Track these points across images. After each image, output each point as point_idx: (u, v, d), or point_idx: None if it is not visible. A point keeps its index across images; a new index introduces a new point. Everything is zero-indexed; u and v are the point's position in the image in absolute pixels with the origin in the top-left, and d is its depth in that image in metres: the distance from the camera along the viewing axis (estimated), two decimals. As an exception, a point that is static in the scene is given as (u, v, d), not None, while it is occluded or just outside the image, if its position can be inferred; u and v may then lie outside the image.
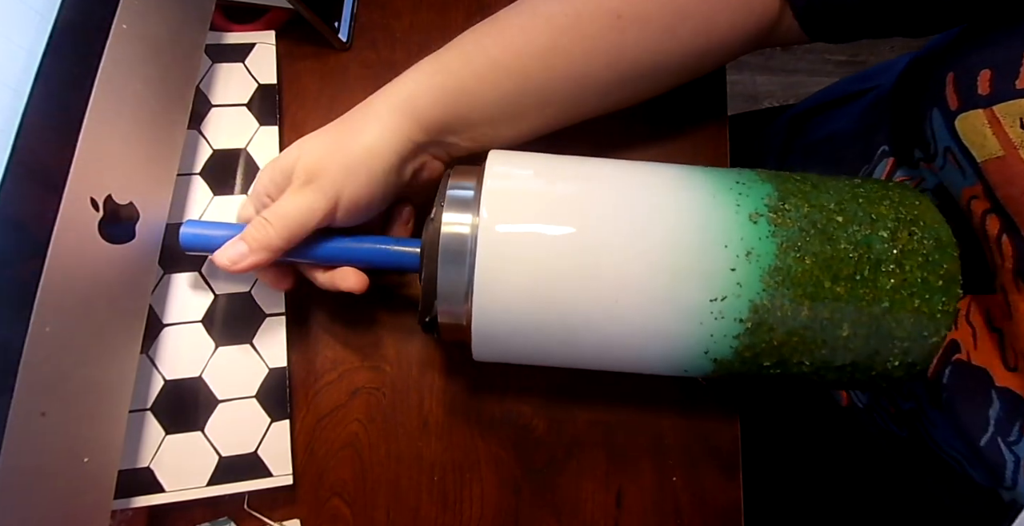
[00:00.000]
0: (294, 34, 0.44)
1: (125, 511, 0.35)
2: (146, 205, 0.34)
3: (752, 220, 0.29)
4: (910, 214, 0.31)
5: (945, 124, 0.31)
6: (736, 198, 0.30)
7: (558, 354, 0.32)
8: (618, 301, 0.29)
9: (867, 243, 0.29)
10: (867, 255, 0.29)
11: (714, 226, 0.29)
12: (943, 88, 0.31)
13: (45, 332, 0.26)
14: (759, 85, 1.40)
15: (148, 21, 0.34)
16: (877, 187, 0.32)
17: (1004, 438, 0.29)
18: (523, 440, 0.39)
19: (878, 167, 0.40)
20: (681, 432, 0.40)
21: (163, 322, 0.37)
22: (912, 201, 0.31)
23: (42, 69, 0.28)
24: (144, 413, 0.36)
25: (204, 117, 0.41)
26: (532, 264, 0.29)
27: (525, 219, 0.30)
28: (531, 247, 0.29)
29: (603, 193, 0.31)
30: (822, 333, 0.29)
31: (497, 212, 0.30)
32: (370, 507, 0.38)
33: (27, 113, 0.27)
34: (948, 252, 0.30)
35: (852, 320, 0.29)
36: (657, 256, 0.29)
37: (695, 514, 0.38)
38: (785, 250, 0.29)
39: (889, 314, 0.29)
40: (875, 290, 0.29)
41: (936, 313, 0.29)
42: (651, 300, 0.29)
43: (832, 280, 0.29)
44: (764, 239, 0.29)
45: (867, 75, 0.50)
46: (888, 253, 0.29)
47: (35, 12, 0.28)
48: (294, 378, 0.39)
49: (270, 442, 0.36)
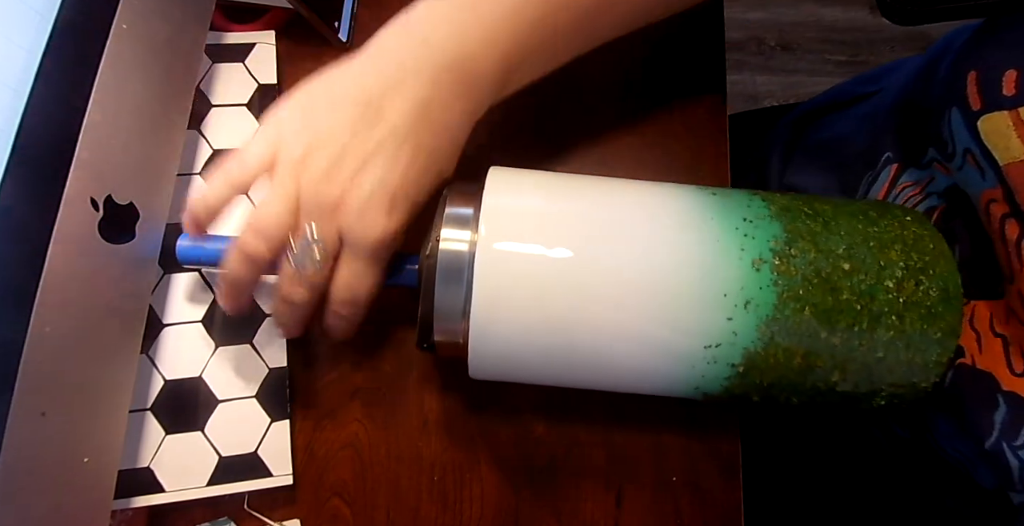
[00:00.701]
0: (294, 34, 0.44)
1: (125, 511, 0.35)
2: (146, 205, 0.34)
3: (755, 267, 0.28)
4: (921, 261, 0.29)
5: (966, 124, 0.30)
6: (741, 241, 0.29)
7: (553, 375, 0.32)
8: (613, 331, 0.29)
9: (870, 294, 0.28)
10: (869, 307, 0.28)
11: (716, 274, 0.28)
12: (963, 87, 0.30)
13: (45, 332, 0.26)
14: (759, 85, 1.40)
15: (148, 21, 0.34)
16: (894, 226, 0.31)
17: (1010, 442, 0.29)
18: (523, 440, 0.39)
19: (882, 174, 0.40)
20: (681, 432, 0.40)
21: (163, 322, 0.37)
22: (926, 245, 0.30)
23: (42, 69, 0.28)
24: (144, 413, 0.36)
25: (204, 117, 0.41)
26: (529, 284, 0.29)
27: (523, 238, 0.29)
28: (529, 267, 0.29)
29: (605, 218, 0.30)
30: (812, 377, 0.29)
31: (495, 230, 0.29)
32: (370, 507, 0.38)
33: (27, 113, 0.27)
34: (953, 305, 0.29)
35: (843, 368, 0.29)
36: (654, 296, 0.29)
37: (695, 514, 0.38)
38: (785, 300, 0.28)
39: (882, 363, 0.29)
40: (871, 341, 0.28)
41: (929, 364, 0.29)
42: (644, 342, 0.29)
43: (829, 332, 0.28)
44: (765, 288, 0.28)
45: (870, 77, 0.50)
46: (891, 305, 0.28)
47: (35, 12, 0.28)
48: (294, 378, 0.39)
49: (270, 442, 0.36)
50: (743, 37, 1.44)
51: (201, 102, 0.41)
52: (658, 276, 0.29)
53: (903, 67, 0.45)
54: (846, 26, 1.45)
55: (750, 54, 1.43)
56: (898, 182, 0.38)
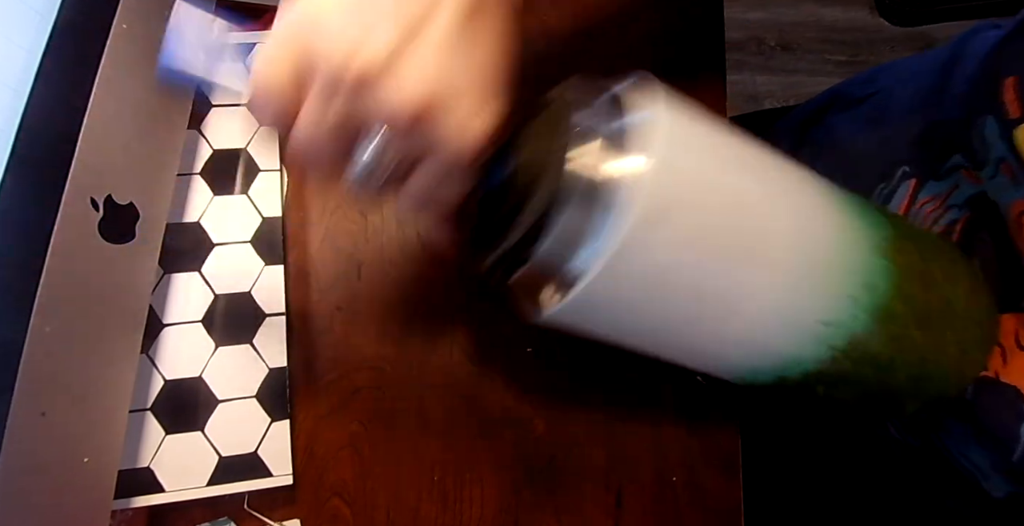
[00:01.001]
0: (294, 34, 0.44)
1: (125, 511, 0.35)
2: (146, 205, 0.34)
3: (878, 254, 0.29)
4: (974, 282, 0.32)
5: (1001, 133, 0.30)
6: (867, 228, 0.30)
7: (649, 331, 0.29)
8: (748, 285, 0.27)
9: (948, 299, 0.30)
10: (948, 310, 0.30)
11: (849, 250, 0.29)
12: (999, 93, 0.30)
13: (45, 332, 0.26)
14: (759, 85, 1.40)
15: (148, 21, 0.34)
16: (955, 252, 0.34)
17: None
18: (523, 440, 0.39)
19: (900, 188, 0.39)
20: (681, 432, 0.40)
21: (163, 322, 0.37)
22: (975, 270, 0.33)
23: (42, 69, 0.28)
24: (144, 413, 0.36)
25: (204, 117, 0.41)
26: (690, 224, 0.25)
27: (702, 174, 0.25)
28: (696, 204, 0.25)
29: (767, 171, 0.29)
30: (881, 374, 0.30)
31: (678, 154, 0.24)
32: (370, 507, 0.38)
33: (27, 113, 0.27)
34: (993, 317, 0.32)
35: (909, 367, 0.30)
36: (799, 256, 0.28)
37: (695, 514, 0.38)
38: (896, 289, 0.29)
39: (935, 364, 0.30)
40: (940, 343, 0.30)
41: (964, 370, 0.31)
42: (773, 302, 0.28)
43: (917, 328, 0.29)
44: (882, 275, 0.29)
45: (867, 78, 0.49)
46: (961, 312, 0.31)
47: (35, 12, 0.28)
48: (294, 378, 0.38)
49: (270, 442, 0.36)
50: (743, 37, 1.44)
51: (201, 102, 0.41)
52: (805, 239, 0.29)
53: (897, 68, 0.45)
54: (846, 26, 1.45)
55: (750, 54, 1.43)
56: (917, 198, 0.38)
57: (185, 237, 0.39)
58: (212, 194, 0.40)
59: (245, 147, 0.41)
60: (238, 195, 0.40)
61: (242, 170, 0.40)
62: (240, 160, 0.40)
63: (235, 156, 0.40)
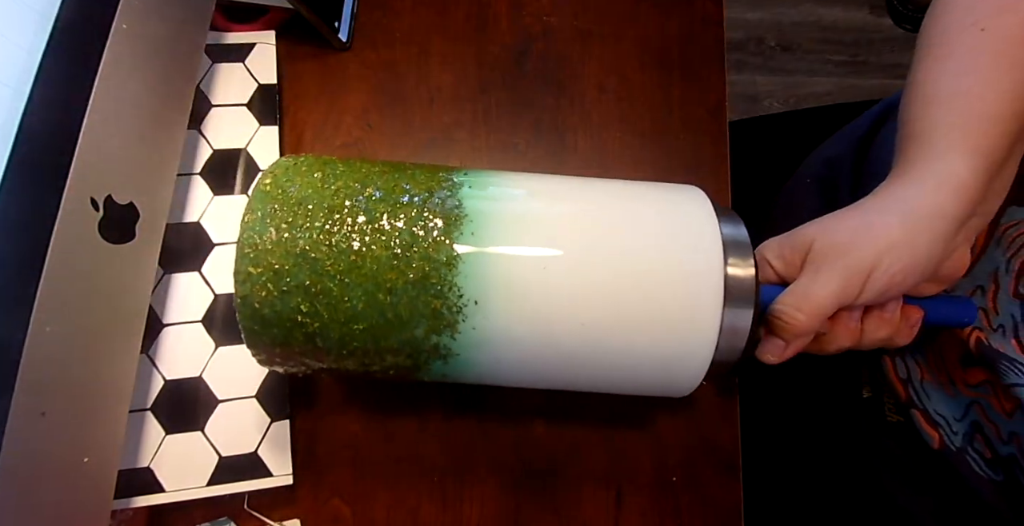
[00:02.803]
0: (294, 34, 0.44)
1: (125, 511, 0.35)
2: (146, 205, 0.34)
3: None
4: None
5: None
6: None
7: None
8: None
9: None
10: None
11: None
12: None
13: (45, 332, 0.26)
14: (759, 85, 1.40)
15: (148, 21, 0.34)
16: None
17: None
18: (523, 441, 0.39)
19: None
20: (681, 432, 0.40)
21: (163, 322, 0.37)
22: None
23: (42, 69, 0.28)
24: (144, 413, 0.36)
25: (204, 117, 0.41)
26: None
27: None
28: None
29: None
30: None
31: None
32: (370, 507, 0.38)
33: (27, 113, 0.27)
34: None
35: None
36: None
37: (695, 514, 0.38)
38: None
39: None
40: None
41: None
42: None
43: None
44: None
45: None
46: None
47: (35, 12, 0.28)
48: (294, 378, 0.38)
49: (270, 442, 0.36)
50: (743, 37, 1.44)
51: (201, 102, 0.41)
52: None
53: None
54: (846, 26, 1.45)
55: (750, 54, 1.43)
56: (1000, 222, 0.37)
57: (185, 237, 0.39)
58: (212, 194, 0.40)
59: (245, 147, 0.41)
60: (238, 195, 0.40)
61: (242, 170, 0.40)
62: (240, 160, 0.40)
63: (235, 156, 0.40)
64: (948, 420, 0.38)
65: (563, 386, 0.32)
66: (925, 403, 0.40)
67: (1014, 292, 0.35)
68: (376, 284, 0.27)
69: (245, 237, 0.27)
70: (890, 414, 0.43)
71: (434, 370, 0.30)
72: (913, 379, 0.40)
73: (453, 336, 0.28)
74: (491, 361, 0.29)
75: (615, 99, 0.45)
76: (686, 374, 0.30)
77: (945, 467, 0.38)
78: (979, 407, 0.37)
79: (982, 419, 0.37)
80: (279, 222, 0.27)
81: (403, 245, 0.27)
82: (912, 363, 0.41)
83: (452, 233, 0.27)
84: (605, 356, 0.29)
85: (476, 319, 0.28)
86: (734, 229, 0.30)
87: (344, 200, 0.28)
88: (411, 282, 0.27)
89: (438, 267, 0.27)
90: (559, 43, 0.47)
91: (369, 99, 0.44)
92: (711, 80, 0.46)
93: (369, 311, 0.27)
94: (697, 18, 0.48)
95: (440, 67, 0.46)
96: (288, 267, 0.27)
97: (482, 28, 0.47)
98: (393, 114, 0.44)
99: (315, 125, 0.44)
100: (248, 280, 0.27)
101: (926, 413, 0.39)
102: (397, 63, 0.45)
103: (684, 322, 0.28)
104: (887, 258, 0.29)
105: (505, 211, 0.29)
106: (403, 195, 0.29)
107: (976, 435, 0.37)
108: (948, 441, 0.38)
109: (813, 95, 1.40)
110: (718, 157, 0.44)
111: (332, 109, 0.44)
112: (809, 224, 0.32)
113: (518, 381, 0.31)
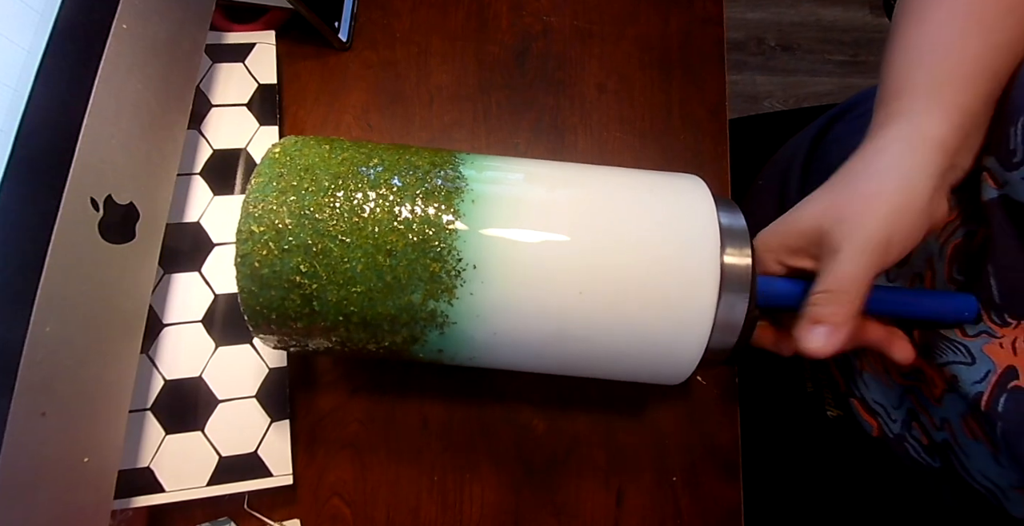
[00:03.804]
0: (294, 34, 0.44)
1: (125, 511, 0.35)
2: (146, 205, 0.34)
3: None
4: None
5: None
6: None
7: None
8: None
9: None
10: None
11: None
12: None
13: (45, 332, 0.26)
14: (759, 85, 1.40)
15: (148, 21, 0.34)
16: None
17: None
18: (523, 440, 0.39)
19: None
20: (681, 432, 0.40)
21: (163, 322, 0.37)
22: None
23: (42, 69, 0.28)
24: (144, 413, 0.36)
25: (204, 117, 0.41)
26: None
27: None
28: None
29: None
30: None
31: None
32: (370, 507, 0.38)
33: (27, 113, 0.27)
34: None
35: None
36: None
37: (695, 514, 0.38)
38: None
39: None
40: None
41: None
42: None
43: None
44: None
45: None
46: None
47: (35, 12, 0.28)
48: (294, 378, 0.38)
49: (270, 442, 0.36)
50: (743, 37, 1.44)
51: (201, 102, 0.41)
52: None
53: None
54: (846, 26, 1.45)
55: (750, 54, 1.43)
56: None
57: (185, 237, 0.39)
58: (212, 194, 0.40)
59: (245, 147, 0.41)
60: (238, 195, 0.40)
61: (242, 170, 0.40)
62: (240, 160, 0.40)
63: (235, 156, 0.40)
64: (887, 408, 0.39)
65: (558, 367, 0.32)
66: (863, 392, 0.40)
67: (948, 277, 0.35)
68: (376, 245, 0.27)
69: (251, 197, 0.28)
70: (829, 408, 0.43)
71: (430, 343, 0.30)
72: (853, 369, 0.41)
73: (451, 302, 0.28)
74: (487, 335, 0.29)
75: (615, 99, 0.45)
76: (682, 354, 0.30)
77: (886, 455, 0.39)
78: (912, 396, 0.37)
79: (916, 407, 0.37)
80: (285, 185, 0.28)
81: (406, 209, 0.28)
82: (851, 354, 0.41)
83: (453, 200, 0.28)
84: (601, 334, 0.29)
85: (474, 284, 0.28)
86: (732, 217, 0.30)
87: (350, 168, 0.29)
88: (411, 244, 0.27)
89: (439, 231, 0.28)
90: (559, 43, 0.47)
91: (369, 99, 0.44)
92: (711, 80, 0.46)
93: (368, 273, 0.28)
94: (697, 18, 0.48)
95: (440, 67, 0.46)
96: (291, 226, 0.27)
97: (482, 28, 0.47)
98: (393, 114, 0.44)
99: (315, 125, 0.44)
100: (250, 238, 0.27)
101: (864, 402, 0.40)
102: (397, 63, 0.45)
103: (681, 300, 0.28)
104: (897, 223, 0.30)
105: (506, 183, 0.30)
106: (407, 166, 0.29)
107: (913, 423, 0.37)
108: (887, 429, 0.39)
109: (813, 95, 1.40)
110: (718, 157, 0.44)
111: (332, 109, 0.44)
112: (803, 206, 0.32)
113: (514, 361, 0.31)
